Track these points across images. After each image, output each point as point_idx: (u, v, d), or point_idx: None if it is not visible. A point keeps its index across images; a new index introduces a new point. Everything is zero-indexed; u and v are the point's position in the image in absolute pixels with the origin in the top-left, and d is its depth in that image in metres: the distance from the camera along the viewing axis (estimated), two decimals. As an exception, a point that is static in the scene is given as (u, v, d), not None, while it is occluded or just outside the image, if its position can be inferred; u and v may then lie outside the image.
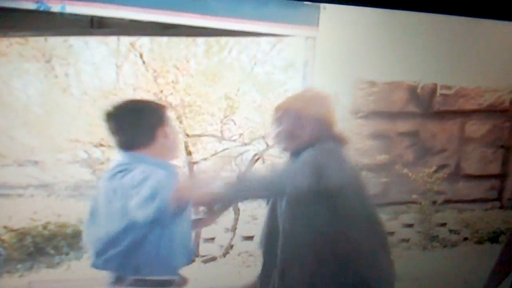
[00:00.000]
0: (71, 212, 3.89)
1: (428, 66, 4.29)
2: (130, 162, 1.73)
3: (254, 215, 4.34)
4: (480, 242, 4.79)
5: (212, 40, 3.79)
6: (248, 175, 2.06)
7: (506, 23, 3.81)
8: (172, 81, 3.60)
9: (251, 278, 2.02)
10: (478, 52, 4.27)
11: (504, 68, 4.38)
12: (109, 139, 3.55)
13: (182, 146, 3.50)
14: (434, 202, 4.66)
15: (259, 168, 3.29)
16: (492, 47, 4.27)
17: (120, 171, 1.72)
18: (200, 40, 3.74)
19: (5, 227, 3.80)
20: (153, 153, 1.76)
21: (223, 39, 3.80)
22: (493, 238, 4.69)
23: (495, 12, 3.80)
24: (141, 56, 3.51)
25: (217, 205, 1.92)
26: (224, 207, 2.08)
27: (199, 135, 3.88)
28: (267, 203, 1.95)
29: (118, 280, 1.76)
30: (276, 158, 4.24)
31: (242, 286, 2.04)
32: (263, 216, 2.69)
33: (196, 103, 3.69)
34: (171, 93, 3.61)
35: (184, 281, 1.85)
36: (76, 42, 3.47)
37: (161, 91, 3.54)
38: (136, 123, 1.75)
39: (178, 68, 3.59)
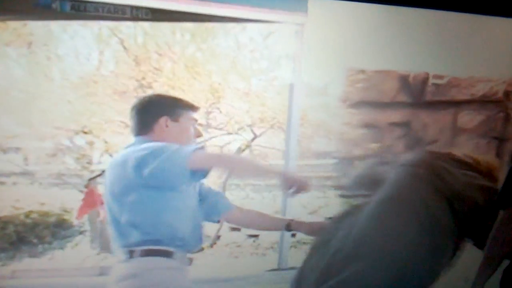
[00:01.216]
0: (54, 200, 3.84)
1: (419, 55, 4.21)
2: (134, 144, 1.89)
3: (242, 205, 4.28)
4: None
5: (198, 26, 3.71)
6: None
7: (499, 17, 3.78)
8: (155, 68, 3.54)
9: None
10: (470, 42, 4.19)
11: (496, 58, 4.30)
12: (92, 127, 3.49)
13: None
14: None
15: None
16: (485, 38, 4.19)
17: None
18: (186, 26, 3.66)
19: (-14, 215, 3.76)
20: (156, 140, 1.89)
21: (209, 25, 3.71)
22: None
23: (489, 8, 3.75)
24: (122, 42, 3.44)
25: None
26: None
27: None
28: None
29: (130, 253, 1.84)
30: (263, 148, 4.18)
31: None
32: (251, 206, 2.65)
33: (180, 89, 3.62)
34: (155, 80, 3.55)
35: (189, 260, 1.94)
36: (57, 27, 3.39)
37: (143, 78, 3.48)
38: (141, 112, 1.91)
39: (161, 55, 3.52)
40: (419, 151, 2.03)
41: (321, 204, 4.41)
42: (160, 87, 3.65)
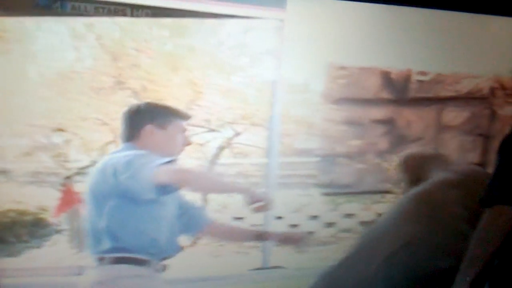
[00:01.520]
0: (31, 199, 3.80)
1: (402, 51, 4.18)
2: (120, 150, 1.97)
3: (224, 203, 4.23)
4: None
5: (176, 22, 3.67)
6: None
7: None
8: (133, 64, 3.50)
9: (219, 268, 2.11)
10: (455, 39, 4.16)
11: (482, 55, 4.27)
12: (68, 124, 3.44)
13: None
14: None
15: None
16: (470, 34, 4.17)
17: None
18: (164, 21, 3.62)
19: (-38, 215, 3.72)
20: (142, 147, 1.96)
21: (187, 21, 3.67)
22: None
23: (473, 6, 3.73)
24: (98, 38, 3.40)
25: None
26: None
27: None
28: None
29: (100, 260, 1.92)
30: (245, 146, 4.15)
31: None
32: (233, 205, 2.72)
33: (159, 85, 3.59)
34: (132, 77, 3.51)
35: (163, 267, 2.06)
36: (31, 23, 3.33)
37: (120, 74, 3.45)
38: (129, 119, 2.01)
39: (138, 51, 3.49)
40: (469, 165, 2.11)
41: (304, 202, 4.37)
42: (138, 83, 3.61)
